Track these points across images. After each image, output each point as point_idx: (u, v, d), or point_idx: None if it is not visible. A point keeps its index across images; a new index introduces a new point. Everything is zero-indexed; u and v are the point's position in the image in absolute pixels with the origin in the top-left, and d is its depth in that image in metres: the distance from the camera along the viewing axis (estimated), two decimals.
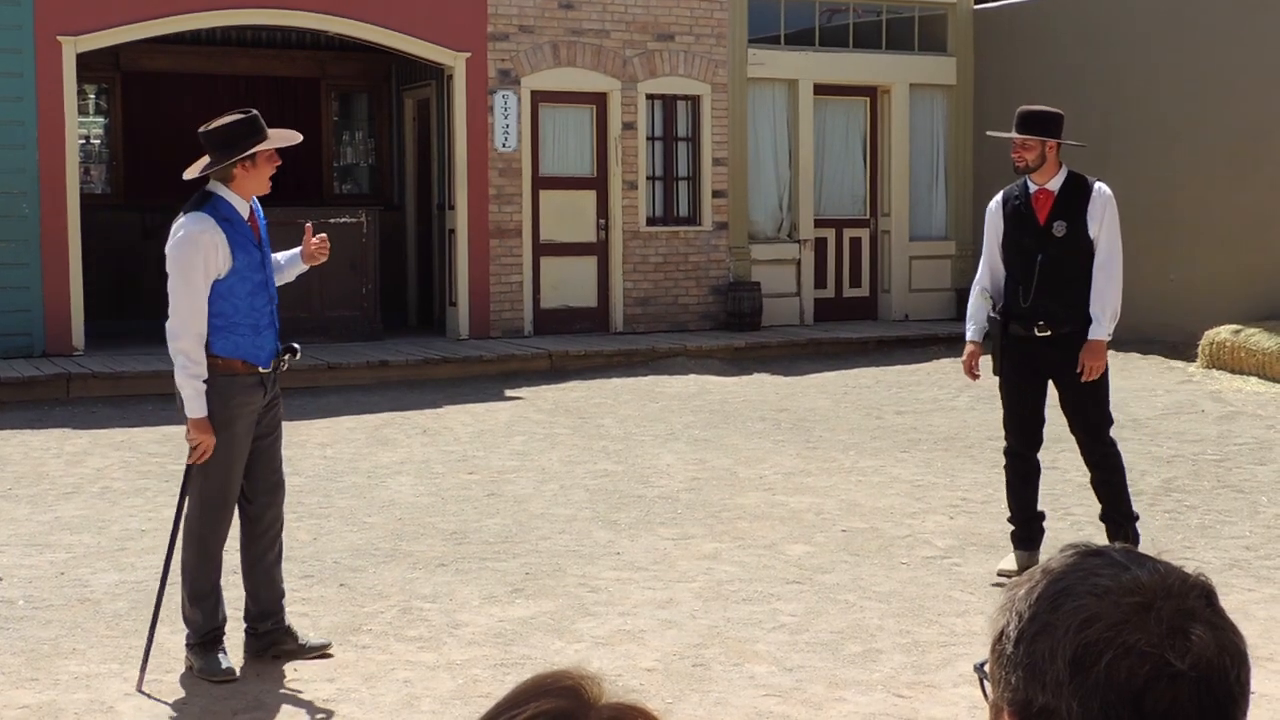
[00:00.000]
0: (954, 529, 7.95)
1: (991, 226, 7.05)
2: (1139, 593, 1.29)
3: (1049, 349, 6.84)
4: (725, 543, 7.65)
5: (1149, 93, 15.52)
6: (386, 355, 13.99)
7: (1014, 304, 6.90)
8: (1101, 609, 1.28)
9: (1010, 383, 6.95)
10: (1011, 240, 6.92)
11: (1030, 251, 6.85)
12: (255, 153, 5.51)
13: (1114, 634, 1.26)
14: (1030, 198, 6.89)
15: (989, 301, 6.95)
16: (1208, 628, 1.28)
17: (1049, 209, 6.87)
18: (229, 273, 5.51)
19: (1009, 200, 6.98)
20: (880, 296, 17.75)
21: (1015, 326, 6.89)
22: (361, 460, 10.00)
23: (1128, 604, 1.28)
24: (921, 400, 12.71)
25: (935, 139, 17.97)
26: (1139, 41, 15.67)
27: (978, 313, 6.99)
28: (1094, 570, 1.32)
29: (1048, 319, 6.82)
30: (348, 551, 7.47)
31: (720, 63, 16.46)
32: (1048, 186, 6.89)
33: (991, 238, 7.04)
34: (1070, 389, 6.86)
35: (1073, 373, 6.82)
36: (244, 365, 5.56)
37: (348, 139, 18.41)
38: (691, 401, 12.67)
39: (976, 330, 6.99)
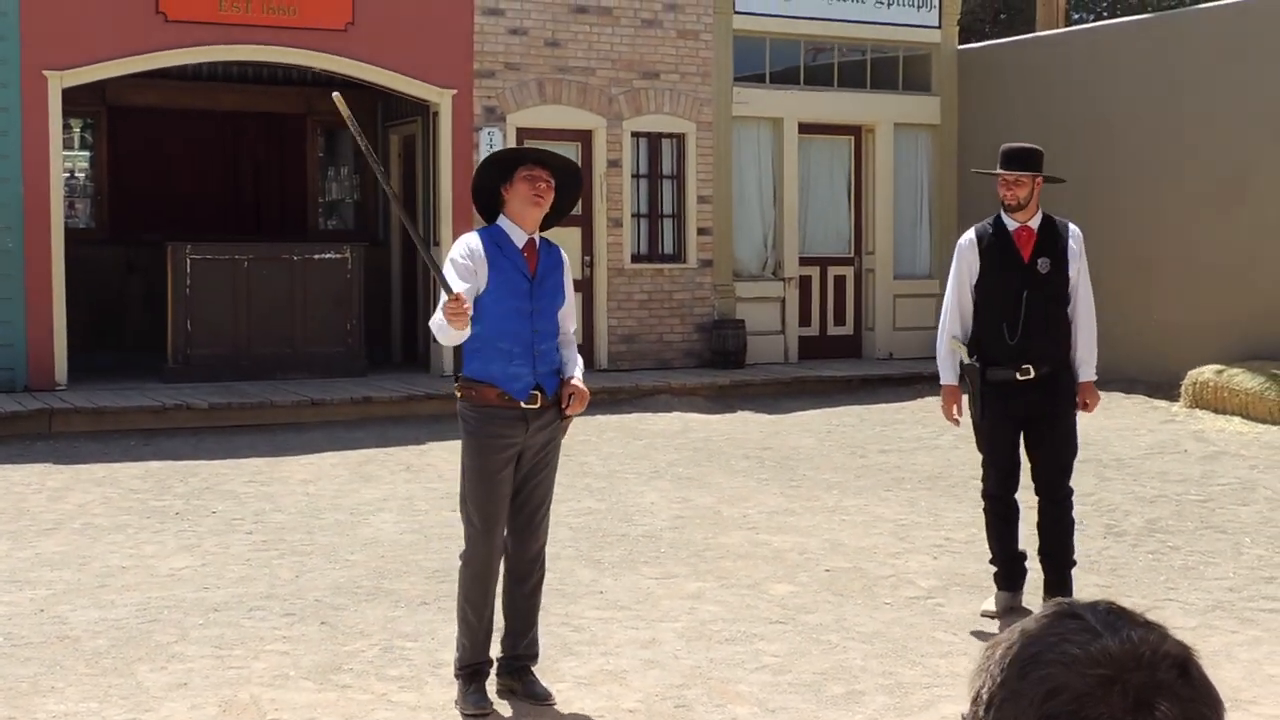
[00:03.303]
0: (938, 569, 7.93)
1: (964, 264, 6.94)
2: (1107, 664, 1.26)
3: (1029, 392, 6.81)
4: (708, 582, 7.62)
5: (1131, 133, 15.61)
6: (370, 391, 13.96)
7: (995, 345, 6.83)
8: (1068, 679, 1.26)
9: (990, 428, 6.91)
10: (992, 278, 6.86)
11: (1015, 289, 6.81)
12: (516, 173, 5.46)
13: (1077, 707, 1.24)
14: (1011, 235, 6.87)
15: (962, 349, 6.90)
16: (1176, 702, 1.25)
17: (1032, 246, 6.86)
18: (485, 291, 5.48)
19: (983, 237, 6.91)
20: (864, 334, 17.77)
21: (995, 371, 6.82)
22: (344, 497, 9.96)
23: (1094, 676, 1.25)
24: (905, 439, 12.71)
25: (919, 178, 18.04)
26: (1121, 82, 15.78)
27: (950, 358, 6.95)
28: (1066, 635, 1.30)
29: (1033, 359, 6.79)
30: (329, 589, 7.43)
31: (705, 101, 16.53)
32: (1029, 224, 6.88)
33: (963, 276, 6.93)
34: (1049, 430, 6.84)
35: (1052, 413, 6.81)
36: (498, 395, 5.48)
37: (333, 175, 18.42)
38: (675, 439, 12.66)
39: (952, 373, 6.95)
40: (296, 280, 14.98)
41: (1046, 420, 6.83)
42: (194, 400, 13.15)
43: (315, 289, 15.03)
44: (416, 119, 16.41)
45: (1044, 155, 6.97)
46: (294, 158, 18.05)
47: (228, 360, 14.62)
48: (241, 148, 17.98)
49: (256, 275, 14.82)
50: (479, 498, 5.55)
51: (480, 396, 5.50)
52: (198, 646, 6.44)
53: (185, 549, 8.38)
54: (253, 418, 13.05)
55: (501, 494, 5.55)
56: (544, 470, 5.64)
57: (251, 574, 7.76)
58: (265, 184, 18.03)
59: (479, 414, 5.52)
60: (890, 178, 17.67)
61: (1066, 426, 6.86)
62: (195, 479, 10.56)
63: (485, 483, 5.52)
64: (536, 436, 5.56)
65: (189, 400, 13.14)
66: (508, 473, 5.54)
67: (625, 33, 16.11)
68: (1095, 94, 16.03)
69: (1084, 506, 7.52)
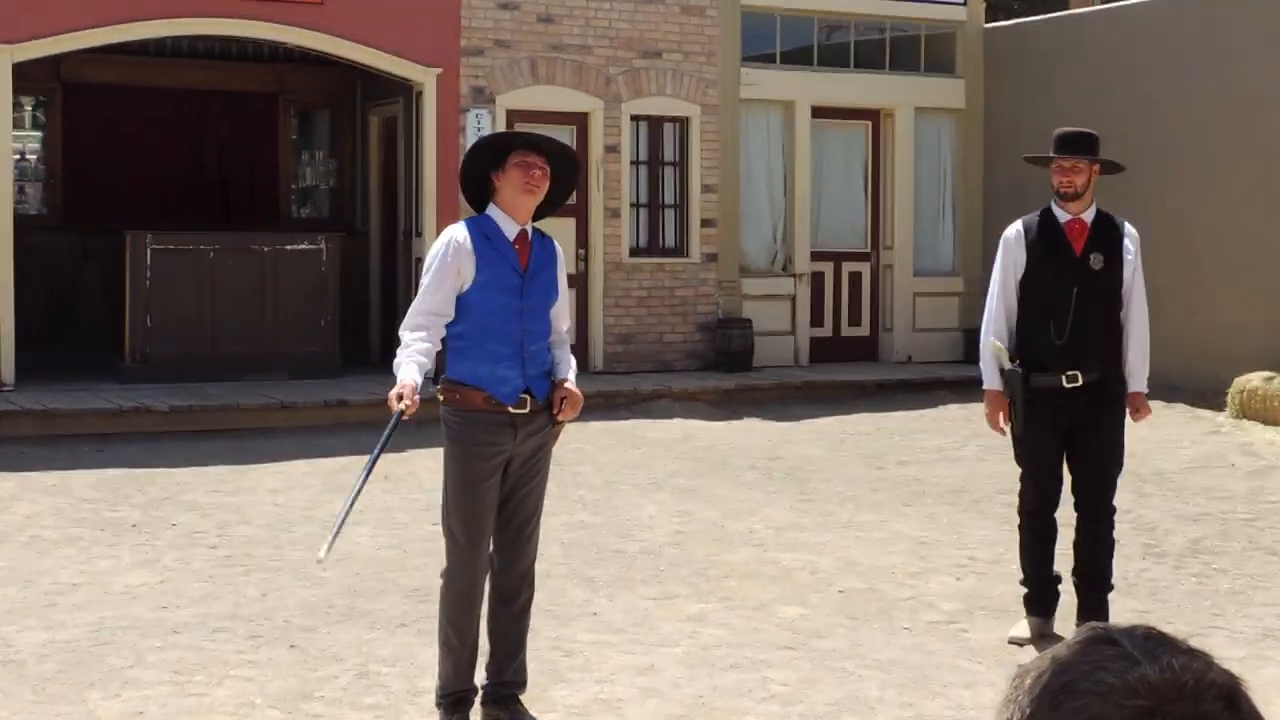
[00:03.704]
0: (961, 591, 7.89)
1: (1009, 259, 6.91)
2: (1146, 694, 1.23)
3: (1075, 399, 6.76)
4: (712, 603, 7.59)
5: (1175, 118, 15.57)
6: (346, 394, 13.92)
7: (1041, 346, 6.76)
8: (1103, 711, 1.23)
9: (1033, 439, 6.86)
10: (1040, 273, 6.81)
11: (1065, 285, 6.77)
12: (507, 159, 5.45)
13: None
14: (1063, 228, 6.83)
15: (1005, 354, 6.84)
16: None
17: (1085, 240, 6.82)
18: (471, 287, 5.46)
19: (1031, 230, 6.88)
20: (881, 336, 17.74)
21: (1040, 378, 6.76)
22: (316, 508, 9.92)
23: (1132, 707, 1.23)
24: (926, 449, 12.67)
25: (942, 166, 18.02)
26: (1165, 63, 15.73)
27: (994, 361, 6.89)
28: (1102, 663, 1.27)
29: (1080, 363, 6.73)
30: (299, 609, 7.39)
31: (711, 82, 16.49)
32: (1083, 216, 6.84)
33: (1008, 272, 6.90)
34: (1095, 441, 6.79)
35: (1099, 423, 6.76)
36: (485, 399, 5.45)
37: (307, 159, 18.39)
38: (676, 448, 12.61)
39: (998, 377, 6.88)
40: (266, 273, 14.95)
41: (1093, 430, 6.77)
42: (153, 402, 13.10)
43: (287, 282, 14.99)
44: (399, 100, 16.37)
45: (1100, 141, 6.97)
46: (264, 140, 18.01)
47: (191, 359, 14.57)
48: (207, 128, 17.94)
49: (223, 267, 14.79)
50: (463, 510, 5.52)
51: (465, 400, 5.47)
52: (155, 671, 6.40)
53: (142, 564, 8.33)
54: (217, 422, 13.01)
55: (487, 506, 5.51)
56: (533, 480, 5.61)
57: (214, 592, 7.72)
58: (233, 168, 17.99)
59: (463, 419, 5.49)
60: (910, 166, 17.65)
61: (1113, 438, 6.82)
62: (154, 488, 10.51)
63: (470, 493, 5.49)
64: (525, 444, 5.53)
65: (148, 402, 13.09)
66: (494, 482, 5.51)
67: (624, 8, 16.08)
68: (1136, 76, 16.00)
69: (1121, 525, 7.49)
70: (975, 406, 14.93)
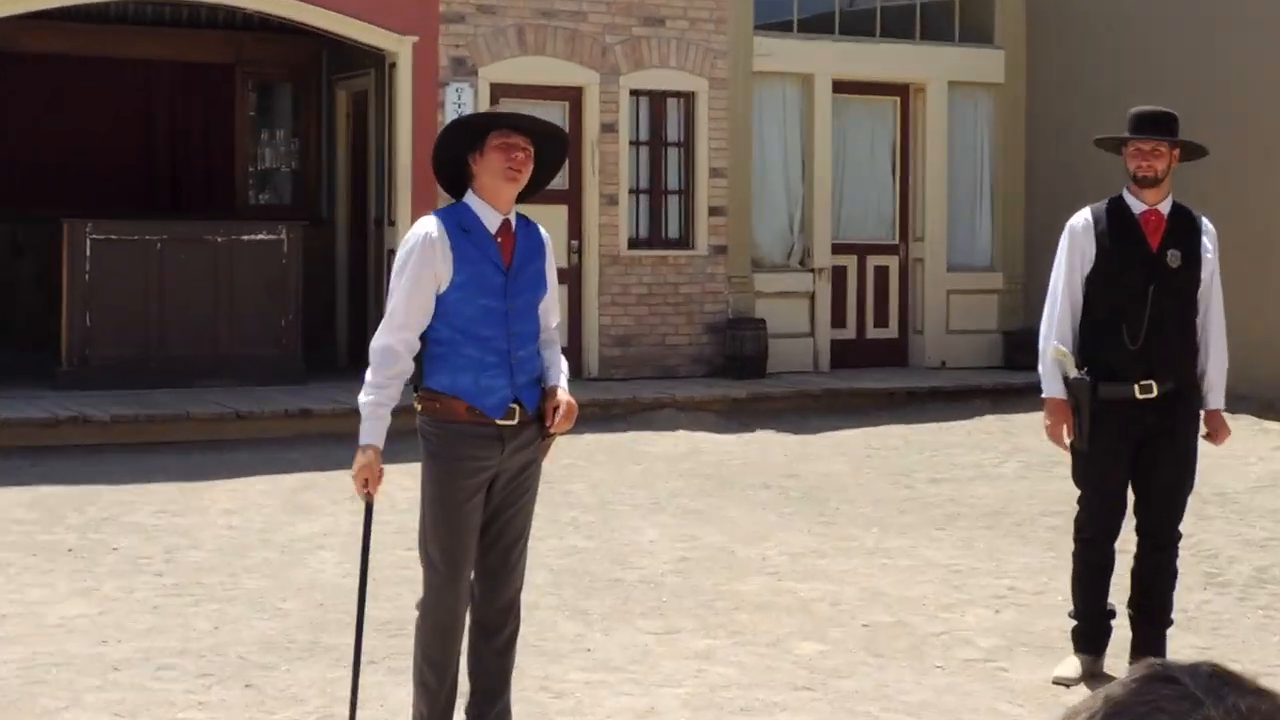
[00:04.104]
0: (1000, 625, 7.90)
1: (1076, 251, 6.86)
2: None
3: (1147, 412, 6.73)
4: (720, 639, 7.59)
5: (1245, 94, 15.56)
6: (309, 402, 13.92)
7: (1112, 352, 6.73)
8: None
9: (1098, 457, 6.82)
10: (1111, 269, 6.78)
11: (1139, 284, 6.74)
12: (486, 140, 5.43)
13: None
14: (1137, 219, 6.81)
15: (1070, 359, 6.81)
16: None
17: (1161, 234, 6.81)
18: (449, 288, 5.43)
19: (1102, 219, 6.85)
20: (911, 339, 17.75)
21: (1109, 387, 6.73)
22: (276, 531, 9.92)
23: None
24: (961, 466, 12.68)
25: (979, 148, 18.03)
26: (1237, 34, 15.71)
27: (1057, 367, 6.84)
28: (1161, 703, 1.28)
29: (1154, 372, 6.71)
30: (256, 644, 7.39)
31: (720, 53, 16.50)
32: (1159, 208, 6.83)
33: (1074, 266, 6.85)
34: (1165, 459, 6.77)
35: (1171, 439, 6.74)
36: (468, 410, 5.45)
37: (267, 138, 18.40)
38: (680, 464, 12.61)
39: (1061, 384, 6.83)
40: (221, 266, 14.95)
41: (1164, 446, 6.75)
42: (93, 412, 13.10)
43: (243, 276, 14.99)
44: (369, 72, 16.38)
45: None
46: (219, 117, 18.01)
47: (135, 363, 14.57)
48: (156, 104, 17.95)
49: (172, 260, 14.79)
50: (442, 533, 5.52)
51: (446, 410, 5.47)
52: (93, 714, 6.39)
53: (80, 593, 8.33)
54: (165, 433, 13.01)
55: (469, 529, 5.52)
56: (521, 500, 5.61)
57: (161, 625, 7.72)
58: (184, 148, 18.00)
59: (444, 431, 5.49)
60: (944, 148, 17.65)
61: (1186, 456, 6.81)
62: (93, 508, 10.51)
63: (450, 515, 5.50)
64: (513, 459, 5.53)
65: (87, 411, 13.10)
66: (477, 503, 5.51)
67: None
68: (1202, 48, 15.98)
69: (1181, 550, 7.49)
70: (1016, 419, 15.04)
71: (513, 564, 5.66)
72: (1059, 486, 11.29)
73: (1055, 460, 12.29)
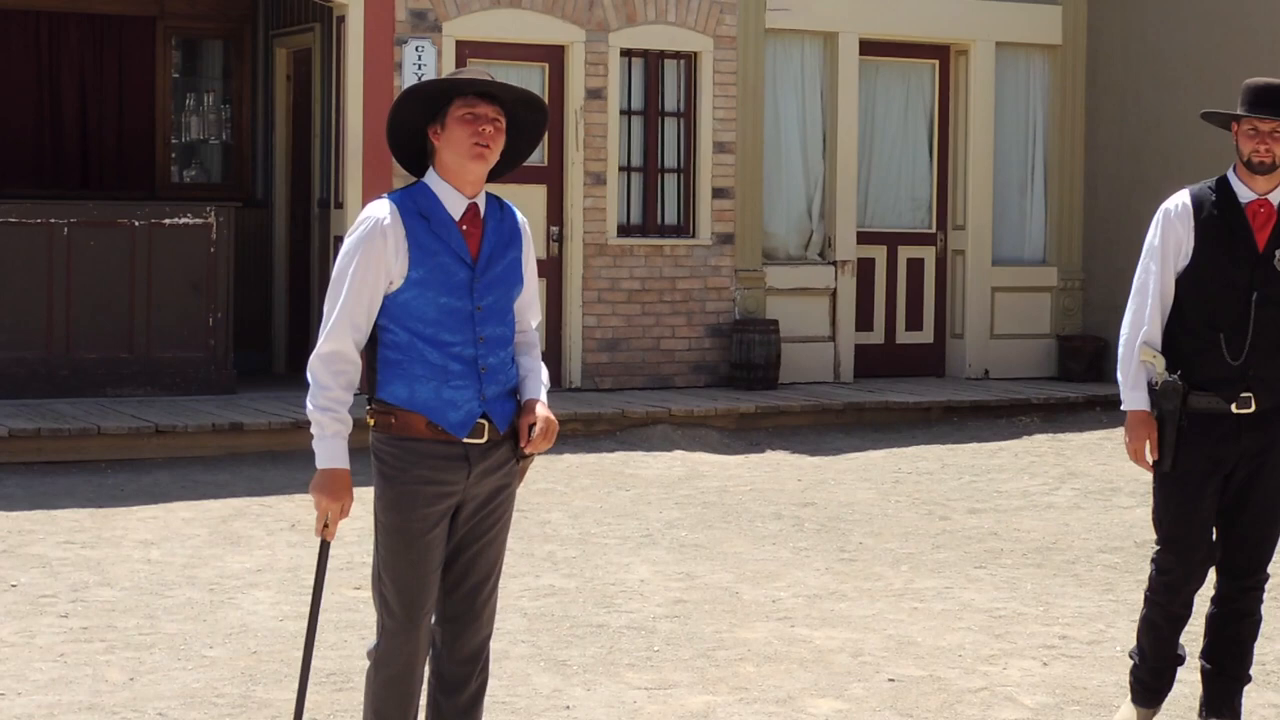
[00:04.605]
0: (1049, 679, 7.94)
1: (1171, 242, 6.80)
2: None
3: (1243, 431, 6.74)
4: (721, 695, 7.62)
5: None
6: (241, 416, 13.95)
7: (1208, 362, 6.71)
8: None
9: (1184, 479, 6.81)
10: (1210, 267, 6.74)
11: (1241, 287, 6.72)
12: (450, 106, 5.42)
13: None
14: (1243, 210, 6.79)
15: (1160, 361, 6.78)
16: None
17: (1270, 230, 6.78)
18: (404, 285, 5.39)
19: (1204, 206, 6.81)
20: (949, 344, 17.80)
21: (1201, 399, 6.73)
22: (201, 566, 9.94)
23: None
24: (1006, 493, 12.73)
25: (1032, 121, 18.08)
26: None
27: (1142, 374, 6.81)
28: None
29: (1256, 387, 6.72)
30: (178, 698, 7.42)
31: (727, 6, 16.56)
32: (1269, 198, 6.80)
33: (1168, 258, 6.78)
34: (1259, 485, 6.77)
35: (1264, 463, 6.73)
36: (429, 426, 5.44)
37: (193, 105, 18.42)
38: (677, 489, 12.65)
39: (1144, 395, 6.80)
40: (138, 255, 14.96)
41: (1259, 471, 6.76)
42: None
43: (165, 268, 15.00)
44: (314, 26, 16.42)
45: None
46: (137, 78, 18.00)
47: (36, 369, 14.60)
48: (63, 63, 17.92)
49: (81, 247, 14.80)
50: (398, 570, 5.53)
51: (403, 426, 5.46)
52: None
53: None
54: (72, 451, 13.03)
55: (430, 566, 5.53)
56: (490, 532, 5.63)
57: (67, 675, 7.74)
58: (96, 116, 17.99)
59: (400, 450, 5.49)
60: (990, 120, 17.71)
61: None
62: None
63: (407, 549, 5.51)
64: (481, 484, 5.54)
65: None
66: (439, 535, 5.52)
67: None
68: None
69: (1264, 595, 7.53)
70: (1070, 439, 15.09)
71: (480, 607, 5.68)
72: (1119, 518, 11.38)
73: (1115, 488, 12.39)
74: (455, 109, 5.39)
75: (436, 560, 5.52)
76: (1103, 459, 13.73)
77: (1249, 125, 6.68)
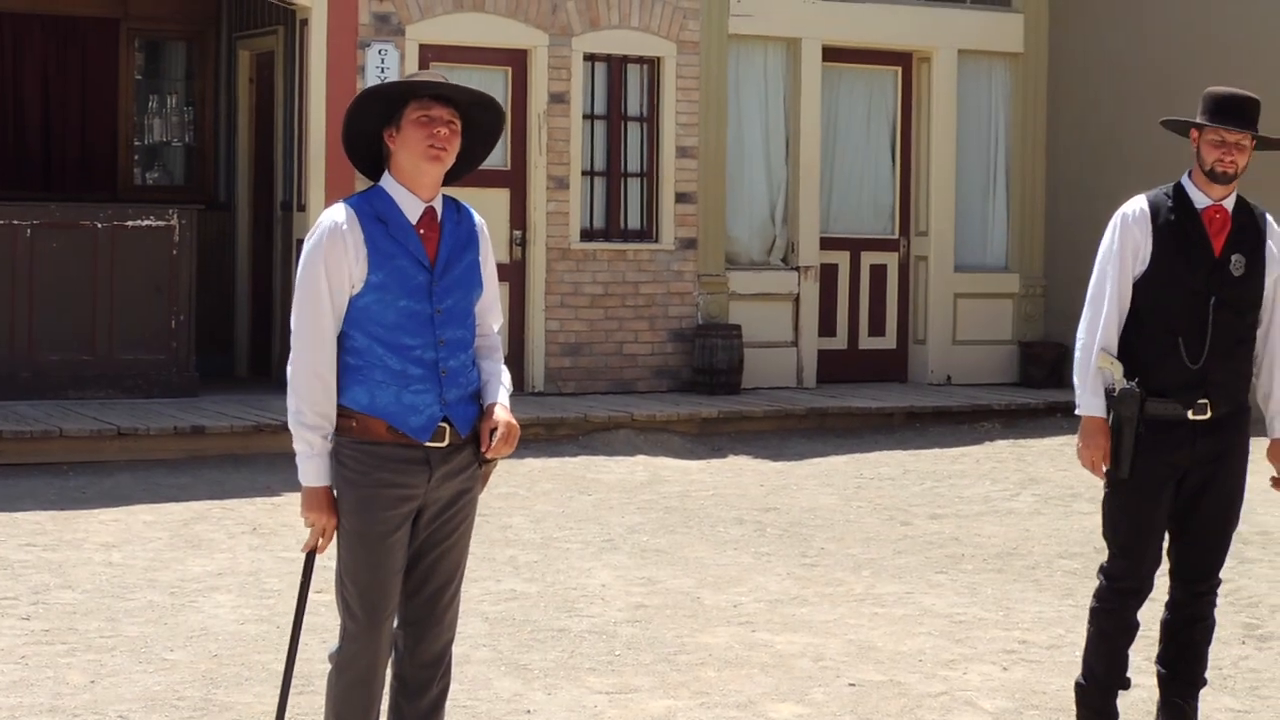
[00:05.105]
0: (1009, 684, 7.97)
1: (1129, 246, 6.78)
2: None
3: (1197, 437, 6.75)
4: (682, 699, 7.63)
5: None
6: (203, 419, 13.92)
7: (1165, 368, 6.72)
8: None
9: (1139, 486, 6.82)
10: (1168, 273, 6.76)
11: (1200, 292, 6.73)
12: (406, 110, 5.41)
13: None
14: (1199, 215, 6.80)
15: (1117, 368, 6.78)
16: None
17: (1226, 235, 6.80)
18: (363, 290, 5.38)
19: (1161, 212, 6.81)
20: (912, 350, 17.84)
21: (1158, 405, 6.74)
22: (162, 569, 9.93)
23: None
24: (968, 499, 12.76)
25: (994, 128, 18.14)
26: None
27: (1098, 380, 6.81)
28: None
29: (1213, 393, 6.73)
30: (140, 701, 7.42)
31: (690, 12, 16.58)
32: (1224, 204, 6.82)
33: (1126, 263, 6.79)
34: (1212, 492, 6.79)
35: (1218, 469, 6.76)
36: (389, 429, 5.43)
37: (156, 106, 18.38)
38: (639, 494, 12.66)
39: (1100, 401, 6.80)
40: (101, 257, 14.92)
41: (1212, 476, 6.77)
42: None
43: (127, 270, 14.97)
44: (277, 29, 16.40)
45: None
46: (100, 80, 17.95)
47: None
48: (24, 65, 17.86)
49: (43, 249, 14.75)
50: (360, 574, 5.54)
51: (364, 430, 5.47)
52: None
53: None
54: (33, 453, 13.00)
55: (392, 569, 5.54)
56: (452, 537, 5.64)
57: (28, 678, 7.73)
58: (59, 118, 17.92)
59: (361, 454, 5.50)
60: (952, 128, 17.75)
61: (1234, 490, 6.81)
62: None
63: (369, 552, 5.51)
64: (443, 488, 5.55)
65: None
66: (401, 538, 5.53)
67: None
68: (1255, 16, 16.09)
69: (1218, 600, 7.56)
70: (1032, 444, 15.14)
71: (442, 612, 5.68)
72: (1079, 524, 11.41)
73: (1075, 494, 12.44)
74: (410, 112, 5.41)
75: (398, 564, 5.53)
76: (1063, 465, 13.77)
77: (1214, 135, 6.66)
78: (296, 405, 5.43)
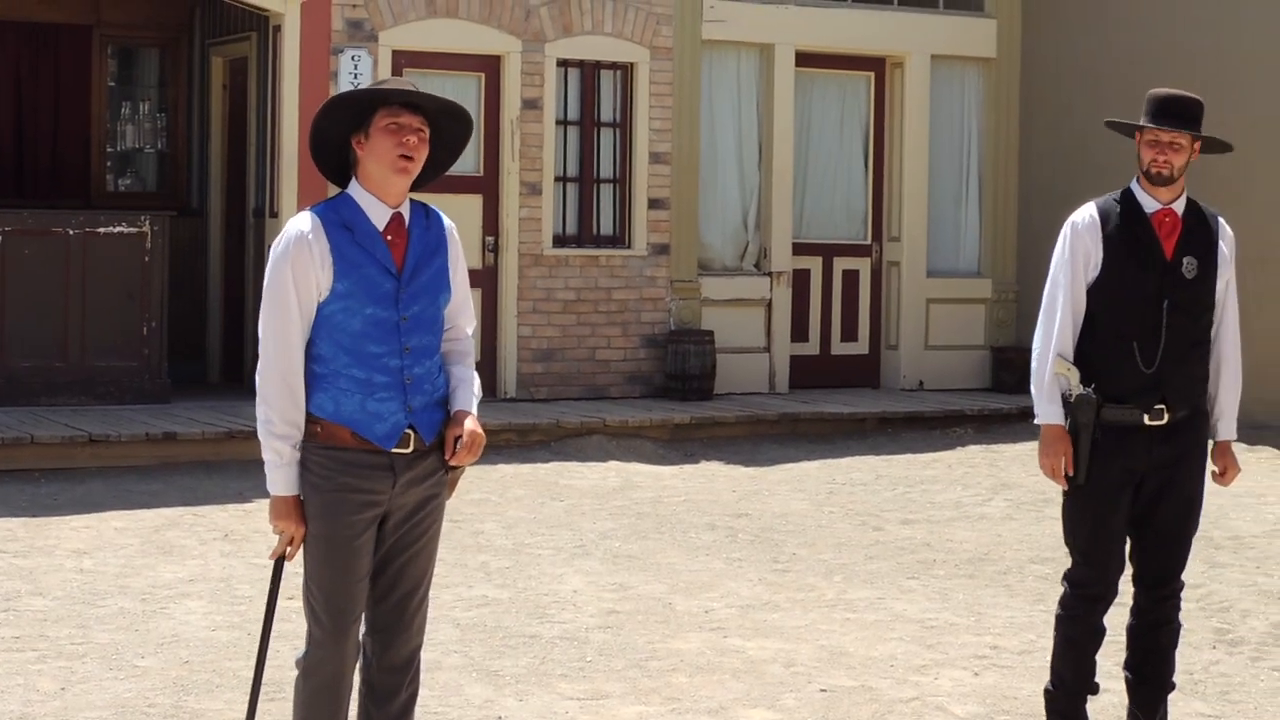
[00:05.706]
0: (980, 689, 7.99)
1: (1080, 254, 6.82)
2: None
3: (1154, 442, 6.77)
4: (654, 705, 7.64)
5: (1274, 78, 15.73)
6: (175, 425, 13.90)
7: (1121, 374, 6.74)
8: None
9: (1098, 492, 6.84)
10: (1120, 278, 6.79)
11: (1152, 296, 6.75)
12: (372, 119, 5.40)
13: None
14: (1149, 220, 6.83)
15: (1074, 374, 6.81)
16: None
17: (1177, 238, 6.83)
18: (329, 298, 5.37)
19: (1110, 218, 6.85)
20: (884, 355, 17.86)
21: (1115, 411, 6.76)
22: (134, 576, 9.92)
23: None
24: (939, 504, 12.79)
25: (967, 133, 18.17)
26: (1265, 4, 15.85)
27: (1055, 387, 6.83)
28: None
29: (1169, 398, 6.75)
30: (111, 709, 7.41)
31: (664, 18, 16.59)
32: (1173, 207, 6.85)
33: (1078, 270, 6.82)
34: (1169, 495, 6.81)
35: (1177, 474, 6.77)
36: (354, 435, 5.42)
37: (128, 113, 18.35)
38: (611, 500, 12.67)
39: (1059, 408, 6.82)
40: (73, 263, 14.89)
41: (1170, 480, 6.79)
42: None
43: (99, 277, 14.94)
44: (250, 35, 16.38)
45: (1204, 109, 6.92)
46: (73, 87, 17.93)
47: None
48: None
49: (14, 256, 14.72)
50: (325, 579, 5.54)
51: (329, 435, 5.48)
52: None
53: None
54: (5, 460, 12.96)
55: (358, 574, 5.54)
56: (419, 542, 5.64)
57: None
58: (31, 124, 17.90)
59: (326, 459, 5.50)
60: (925, 133, 17.78)
61: (1193, 493, 6.83)
62: None
63: (335, 556, 5.52)
64: (409, 494, 5.55)
65: None
66: (366, 543, 5.53)
67: None
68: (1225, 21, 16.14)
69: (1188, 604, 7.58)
70: (1004, 450, 15.16)
71: (409, 617, 5.68)
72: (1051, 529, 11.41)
73: (1047, 499, 12.46)
74: (379, 119, 5.41)
75: (363, 569, 5.53)
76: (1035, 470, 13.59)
77: (1150, 135, 6.73)
78: (266, 414, 5.43)
